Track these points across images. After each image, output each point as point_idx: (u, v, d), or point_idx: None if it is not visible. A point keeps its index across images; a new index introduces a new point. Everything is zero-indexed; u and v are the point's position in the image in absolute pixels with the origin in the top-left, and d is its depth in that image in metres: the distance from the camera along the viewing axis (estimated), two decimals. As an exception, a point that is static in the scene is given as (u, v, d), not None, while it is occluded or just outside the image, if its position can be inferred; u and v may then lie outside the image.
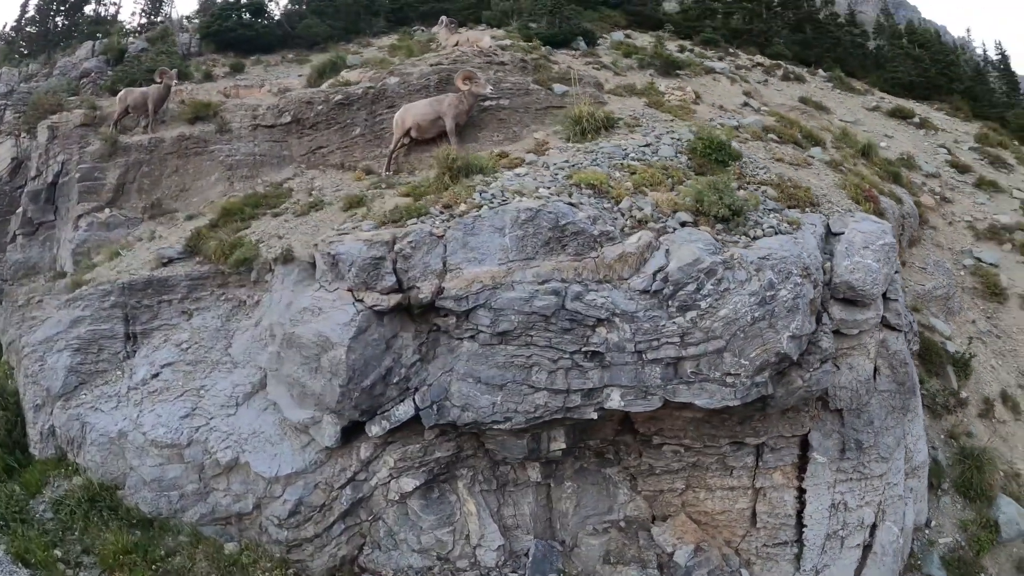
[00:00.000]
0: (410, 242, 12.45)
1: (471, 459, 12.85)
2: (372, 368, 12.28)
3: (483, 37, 19.16)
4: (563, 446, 12.35)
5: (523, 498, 12.50)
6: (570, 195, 12.82)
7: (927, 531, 12.40)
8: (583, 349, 11.39)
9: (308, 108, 20.35)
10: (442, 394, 12.15)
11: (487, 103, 16.59)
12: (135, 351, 16.04)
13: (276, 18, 25.98)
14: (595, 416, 11.68)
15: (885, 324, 12.72)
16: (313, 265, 14.67)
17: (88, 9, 34.80)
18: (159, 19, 29.91)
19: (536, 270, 11.75)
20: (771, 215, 12.67)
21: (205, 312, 15.94)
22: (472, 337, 12.03)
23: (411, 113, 16.96)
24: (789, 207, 13.21)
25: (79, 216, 20.90)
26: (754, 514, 11.75)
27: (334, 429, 12.73)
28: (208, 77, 23.28)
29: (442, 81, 17.93)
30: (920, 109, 22.45)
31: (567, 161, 14.14)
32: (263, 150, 20.40)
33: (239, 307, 15.64)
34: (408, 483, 12.59)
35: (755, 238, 12.12)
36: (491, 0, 25.02)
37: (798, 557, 11.54)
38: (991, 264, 15.23)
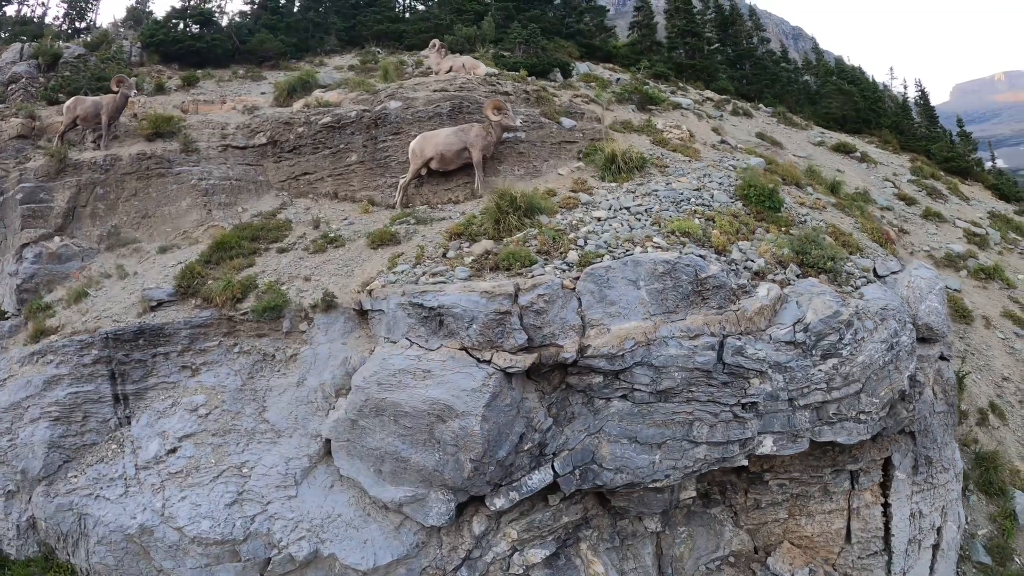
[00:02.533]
0: (541, 295, 8.69)
1: (595, 519, 9.35)
2: (505, 437, 8.50)
3: (479, 64, 15.06)
4: (693, 494, 9.33)
5: (642, 549, 9.26)
6: (683, 245, 9.60)
7: (966, 526, 11.03)
8: (741, 401, 8.63)
9: (286, 129, 15.21)
10: (587, 457, 8.71)
11: (506, 136, 12.73)
12: (129, 418, 10.77)
13: (222, 31, 20.03)
14: (745, 463, 8.99)
15: (940, 356, 10.84)
16: (361, 313, 10.35)
17: (10, 10, 25.66)
18: (83, 24, 22.60)
19: (684, 324, 8.67)
20: (848, 263, 10.19)
21: (216, 368, 11.01)
22: (624, 396, 8.66)
23: (432, 142, 12.51)
24: (849, 255, 10.86)
25: (24, 245, 14.71)
26: (848, 531, 9.56)
27: (446, 507, 8.76)
28: (160, 89, 17.31)
29: (455, 109, 13.52)
30: (857, 143, 19.63)
31: (639, 204, 10.59)
32: (237, 174, 14.92)
33: (264, 362, 10.72)
34: (536, 554, 8.86)
35: (856, 287, 9.72)
36: (453, 26, 20.49)
37: (888, 564, 9.54)
38: (955, 290, 13.72)
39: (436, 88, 13.92)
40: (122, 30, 20.91)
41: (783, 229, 10.47)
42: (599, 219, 10.35)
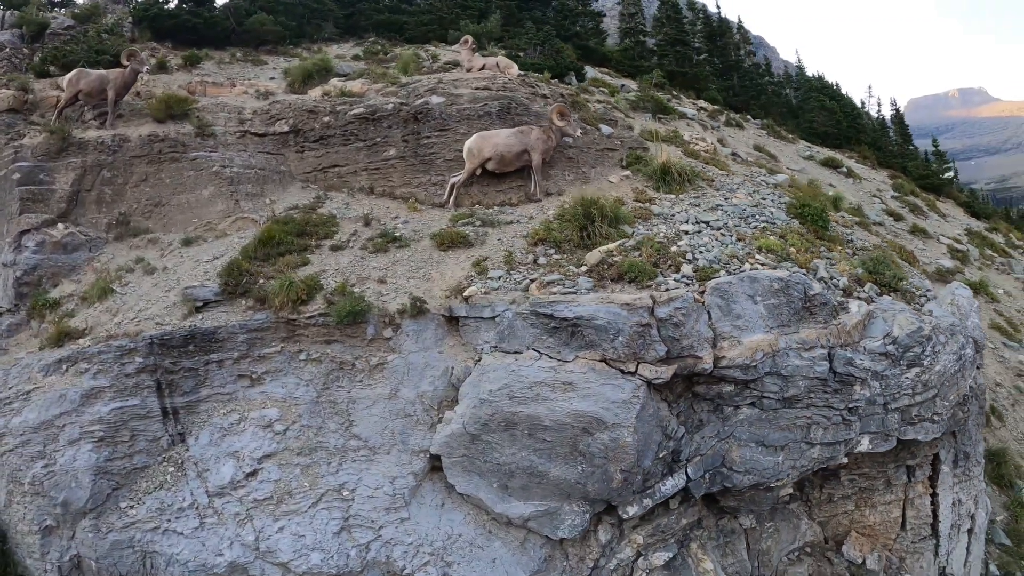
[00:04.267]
0: (679, 308, 7.26)
1: (704, 520, 8.05)
2: (648, 446, 7.14)
3: (512, 64, 12.59)
4: (790, 491, 8.21)
5: (738, 545, 8.05)
6: (781, 261, 8.30)
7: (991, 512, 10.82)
8: (848, 406, 7.76)
9: (311, 118, 12.19)
10: (718, 462, 7.59)
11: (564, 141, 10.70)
12: (183, 435, 8.08)
13: (219, 10, 16.12)
14: (845, 460, 8.16)
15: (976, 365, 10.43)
16: (451, 320, 8.20)
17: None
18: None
19: (799, 337, 7.60)
20: (904, 282, 9.33)
21: (281, 377, 8.39)
22: (753, 404, 7.56)
23: (491, 143, 10.16)
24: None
25: (23, 232, 10.99)
26: (904, 519, 8.98)
27: (580, 519, 7.19)
28: (162, 68, 13.61)
29: (503, 110, 11.06)
30: (842, 158, 17.54)
31: (716, 219, 8.92)
32: (259, 162, 11.69)
33: (341, 371, 8.20)
34: (660, 557, 7.48)
35: (922, 305, 8.86)
36: (458, 21, 17.04)
37: (936, 547, 9.02)
38: (951, 304, 13.23)
39: (478, 86, 11.60)
40: (111, 3, 16.55)
41: (839, 248, 9.40)
42: (686, 232, 8.78)
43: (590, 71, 15.60)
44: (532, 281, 8.12)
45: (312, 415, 8.09)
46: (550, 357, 7.39)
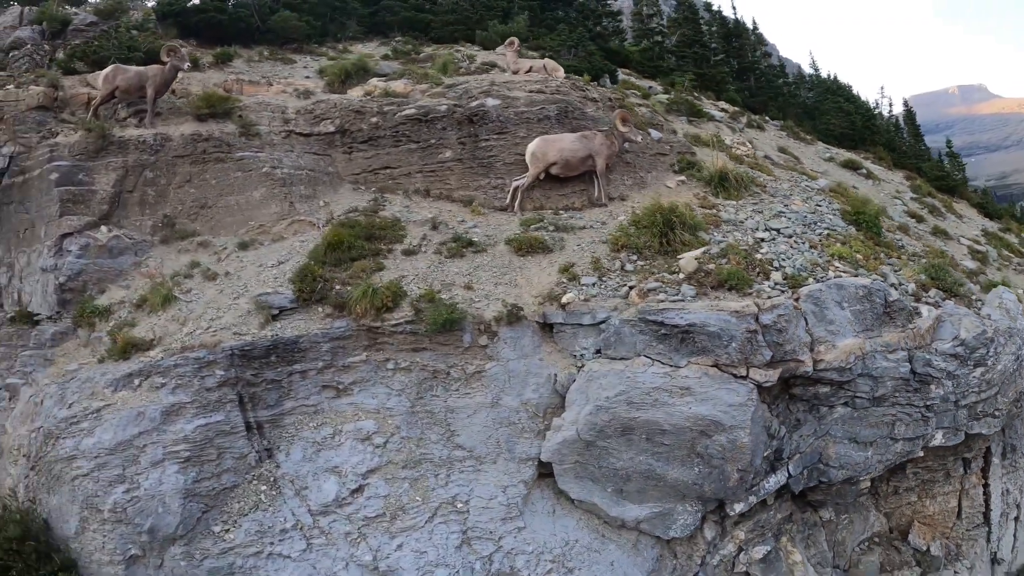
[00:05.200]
0: (782, 315, 6.76)
1: (792, 514, 7.61)
2: (759, 446, 6.65)
3: (559, 67, 11.59)
4: (868, 484, 7.90)
5: (819, 536, 7.59)
6: (857, 269, 7.83)
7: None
8: (926, 403, 7.49)
9: (358, 118, 10.80)
10: (815, 459, 7.26)
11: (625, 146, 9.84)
12: (270, 451, 6.95)
13: (244, 6, 14.27)
14: (921, 454, 7.93)
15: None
16: (544, 326, 7.39)
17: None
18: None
19: (883, 340, 7.26)
20: (963, 287, 8.99)
21: (370, 387, 7.30)
22: (846, 403, 7.20)
23: (556, 147, 9.17)
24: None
25: (64, 235, 9.36)
26: (959, 508, 8.80)
27: (693, 518, 6.69)
28: (195, 65, 11.98)
29: (561, 113, 10.05)
30: (860, 160, 15.48)
31: (786, 227, 8.36)
32: (307, 163, 10.34)
33: (434, 380, 7.22)
34: (760, 551, 7.02)
35: (979, 309, 8.55)
36: (483, 21, 15.68)
37: (988, 534, 8.89)
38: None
39: (532, 89, 10.58)
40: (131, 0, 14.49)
41: (895, 253, 8.97)
42: (763, 240, 8.14)
43: (620, 74, 14.65)
44: (631, 288, 7.36)
45: (410, 426, 7.12)
46: (662, 363, 6.74)
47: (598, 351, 7.14)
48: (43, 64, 11.90)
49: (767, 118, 16.54)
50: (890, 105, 24.96)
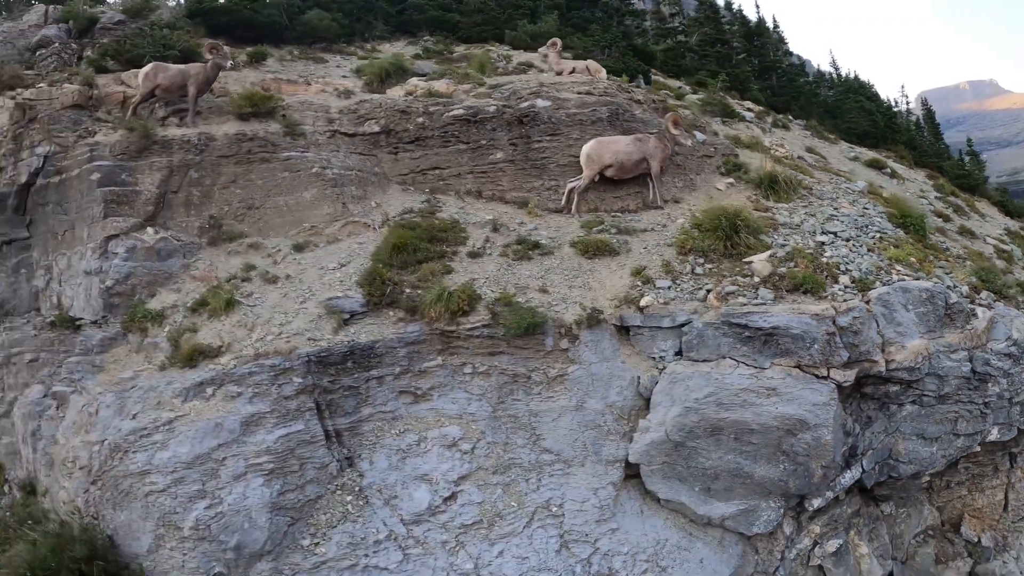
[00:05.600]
0: (856, 318, 6.63)
1: (860, 508, 7.51)
2: (838, 443, 6.54)
3: (601, 69, 11.20)
4: (928, 479, 7.90)
5: (881, 530, 7.52)
6: (915, 272, 7.68)
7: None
8: (984, 400, 7.50)
9: (403, 118, 10.19)
10: (886, 454, 7.21)
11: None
12: (350, 459, 6.48)
13: (274, 5, 13.47)
14: (978, 449, 7.95)
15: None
16: (622, 330, 7.12)
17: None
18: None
19: (945, 341, 7.23)
20: (1011, 289, 8.89)
21: (448, 392, 6.86)
22: (914, 401, 7.18)
23: (611, 149, 8.85)
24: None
25: (110, 237, 8.61)
26: (1006, 501, 8.77)
27: (776, 514, 6.53)
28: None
29: (613, 115, 9.71)
30: (884, 159, 14.85)
31: (842, 230, 8.23)
32: (354, 164, 9.78)
33: (514, 384, 6.84)
34: (833, 544, 6.93)
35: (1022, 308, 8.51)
36: (511, 21, 14.98)
37: None
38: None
39: (580, 90, 10.17)
40: (156, -1, 13.55)
41: (943, 256, 8.85)
42: (823, 243, 7.96)
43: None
44: (708, 291, 7.09)
45: (494, 431, 6.71)
46: (747, 365, 6.58)
47: (677, 353, 6.88)
48: (71, 63, 11.05)
49: (790, 117, 15.92)
50: (907, 103, 23.97)
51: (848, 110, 18.36)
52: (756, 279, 7.12)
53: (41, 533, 7.26)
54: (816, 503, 6.75)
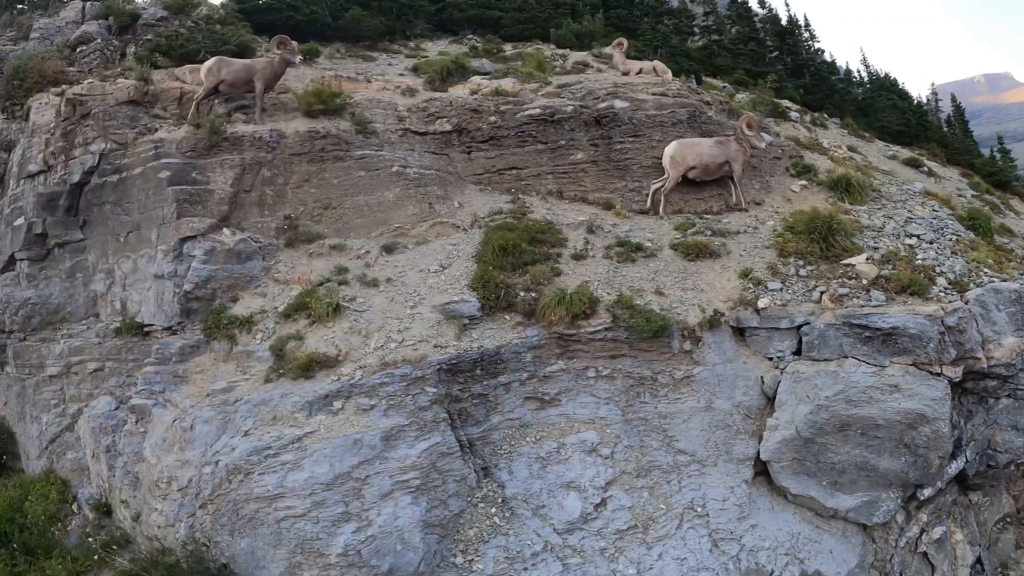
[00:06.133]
0: (962, 318, 6.69)
1: (956, 498, 7.57)
2: (950, 435, 6.58)
3: (667, 70, 10.80)
4: (1013, 469, 8.01)
5: (970, 517, 7.64)
6: (999, 273, 7.68)
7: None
8: None
9: (475, 117, 9.47)
10: (985, 445, 7.32)
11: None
12: (486, 470, 6.00)
13: (318, 3, 12.37)
14: None
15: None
16: (737, 331, 6.89)
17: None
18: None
19: None
20: None
21: (575, 397, 6.39)
22: (1009, 395, 7.31)
23: (695, 151, 8.57)
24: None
25: (184, 239, 7.68)
26: None
27: (894, 504, 6.52)
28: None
29: (691, 117, 9.38)
30: (920, 157, 14.13)
31: (923, 234, 8.19)
32: (428, 163, 9.10)
33: (640, 386, 6.48)
34: (937, 531, 6.96)
35: None
36: (554, 20, 14.25)
37: None
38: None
39: (655, 92, 9.78)
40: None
41: (1012, 257, 8.89)
42: (911, 246, 7.89)
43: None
44: (821, 293, 6.90)
45: (628, 434, 6.31)
46: (868, 363, 6.48)
47: (794, 353, 6.69)
48: (114, 60, 9.93)
49: (826, 116, 15.32)
50: (937, 100, 22.16)
51: (881, 108, 17.80)
52: (864, 281, 6.95)
53: (130, 559, 6.47)
54: (927, 492, 6.78)
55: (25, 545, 6.84)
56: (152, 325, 7.83)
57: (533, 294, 7.00)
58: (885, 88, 19.43)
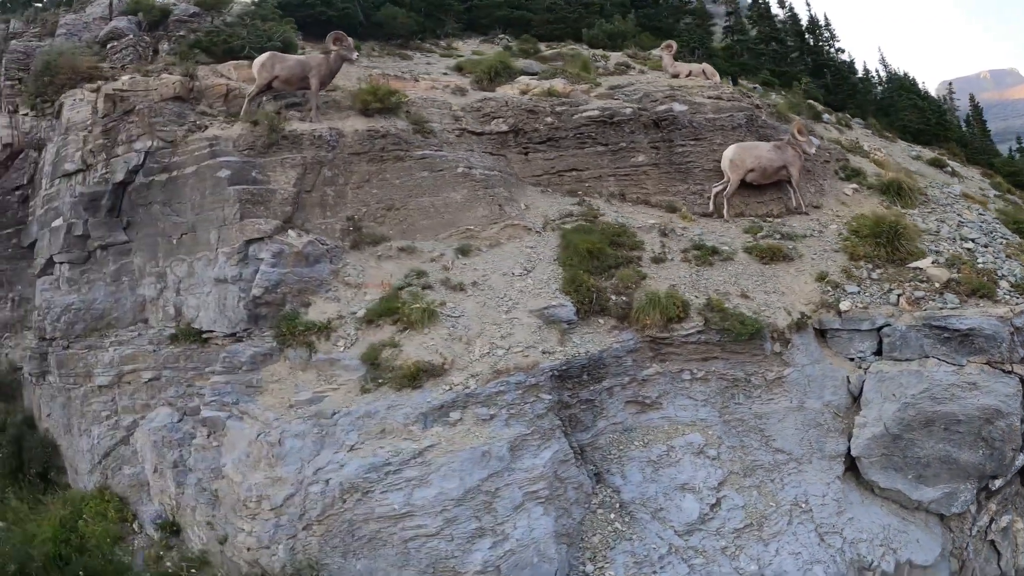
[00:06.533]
0: None
1: (1018, 488, 7.62)
2: (1020, 429, 6.75)
3: (716, 72, 10.69)
4: None
5: (1021, 504, 8.05)
6: None
7: None
8: None
9: (531, 118, 9.15)
10: None
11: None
12: (598, 475, 5.89)
13: (350, 1, 11.55)
14: None
15: None
16: (820, 333, 6.99)
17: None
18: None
19: None
20: None
21: (673, 399, 6.36)
22: None
23: (753, 155, 8.58)
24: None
25: (250, 241, 7.10)
26: None
27: (971, 495, 6.76)
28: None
29: (749, 121, 9.33)
30: (943, 157, 13.61)
31: (977, 237, 8.43)
32: (489, 164, 8.76)
33: (734, 388, 6.53)
34: (1004, 520, 7.12)
35: None
36: (584, 19, 13.88)
37: None
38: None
39: (710, 95, 9.66)
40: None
41: None
42: (969, 249, 8.18)
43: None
44: (899, 296, 7.03)
45: (728, 435, 6.35)
46: (947, 363, 6.81)
47: (874, 353, 6.84)
48: (147, 56, 9.10)
49: (849, 116, 14.88)
50: (953, 98, 21.55)
51: (903, 108, 17.08)
52: (936, 284, 7.14)
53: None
54: (998, 483, 7.12)
55: (90, 570, 6.14)
56: (212, 331, 7.23)
57: (624, 297, 6.86)
58: (904, 88, 18.93)
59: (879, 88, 20.17)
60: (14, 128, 8.79)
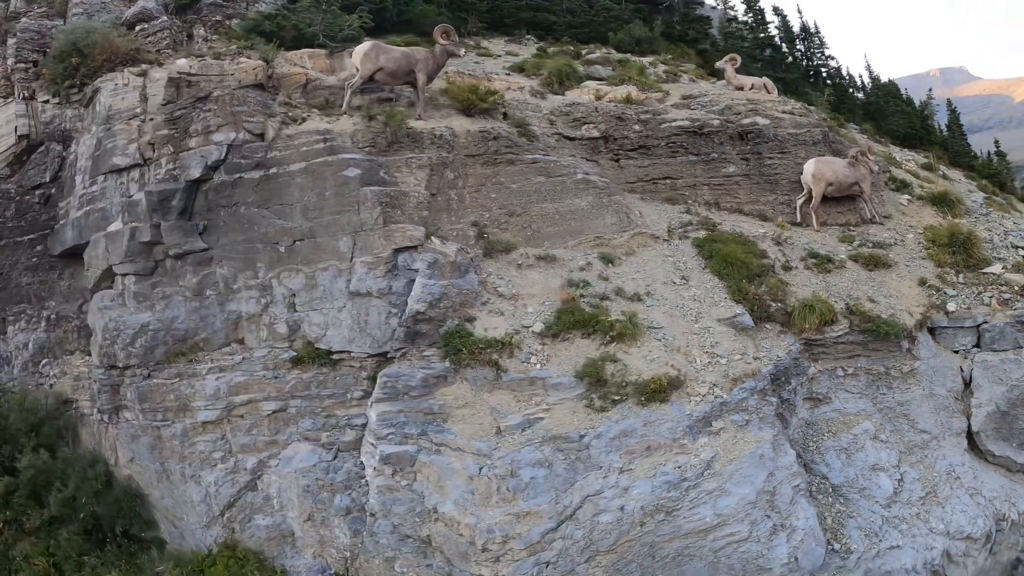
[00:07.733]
0: None
1: None
2: None
3: (774, 87, 13.65)
4: None
5: None
6: None
7: None
8: None
9: (620, 125, 11.73)
10: None
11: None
12: (804, 465, 8.29)
13: None
14: None
15: None
16: (930, 330, 10.41)
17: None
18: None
19: None
20: None
21: (836, 393, 9.32)
22: None
23: (832, 169, 11.86)
24: None
25: (400, 250, 8.27)
26: None
27: None
28: None
29: (824, 137, 12.64)
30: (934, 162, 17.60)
31: None
32: (596, 170, 10.81)
33: (878, 380, 9.54)
34: None
35: None
36: (609, 24, 16.26)
37: None
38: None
39: (784, 110, 12.88)
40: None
41: None
42: None
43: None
44: (991, 297, 10.84)
45: (884, 421, 9.34)
46: None
47: (974, 346, 10.82)
48: (181, 40, 9.58)
49: (843, 121, 18.16)
50: (935, 104, 26.11)
51: (890, 113, 21.26)
52: (1015, 287, 11.26)
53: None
54: None
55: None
56: (345, 352, 7.93)
57: (779, 304, 9.39)
58: (890, 94, 23.98)
59: (860, 95, 25.40)
60: (32, 117, 8.31)
